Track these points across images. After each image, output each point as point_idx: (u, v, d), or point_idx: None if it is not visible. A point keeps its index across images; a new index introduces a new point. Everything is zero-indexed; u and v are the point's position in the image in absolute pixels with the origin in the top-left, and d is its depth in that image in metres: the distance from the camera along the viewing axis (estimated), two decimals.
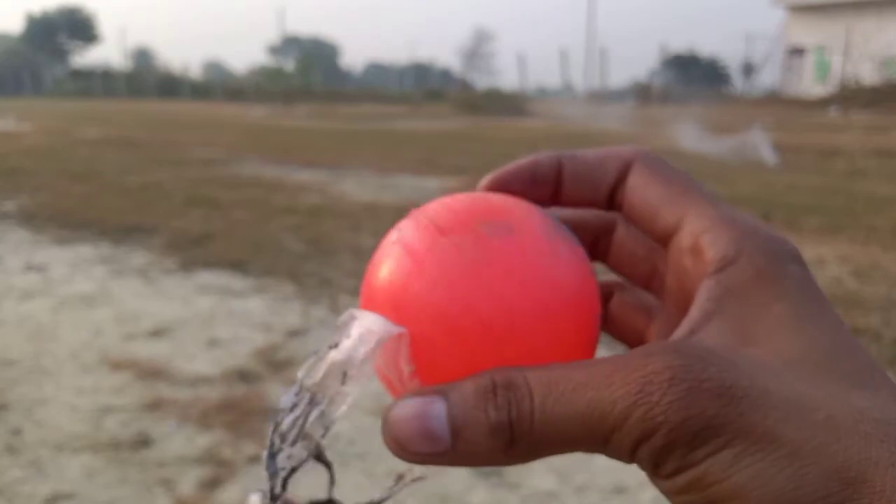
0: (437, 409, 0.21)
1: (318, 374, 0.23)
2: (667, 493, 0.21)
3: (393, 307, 0.23)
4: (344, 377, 0.22)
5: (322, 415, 0.23)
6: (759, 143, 7.78)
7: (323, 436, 0.23)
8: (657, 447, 0.19)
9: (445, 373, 0.22)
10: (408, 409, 0.21)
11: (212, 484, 1.62)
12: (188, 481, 1.63)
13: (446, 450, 0.21)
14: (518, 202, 0.26)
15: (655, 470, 0.20)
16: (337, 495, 0.25)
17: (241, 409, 1.97)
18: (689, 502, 0.20)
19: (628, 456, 0.20)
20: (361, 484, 1.62)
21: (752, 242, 0.23)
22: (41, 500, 1.57)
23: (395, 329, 0.23)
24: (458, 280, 0.23)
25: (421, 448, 0.21)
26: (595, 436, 0.20)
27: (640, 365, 0.20)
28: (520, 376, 0.21)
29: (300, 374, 0.23)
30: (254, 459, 1.72)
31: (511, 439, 0.21)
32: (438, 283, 0.23)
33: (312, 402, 0.23)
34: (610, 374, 0.20)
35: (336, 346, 0.23)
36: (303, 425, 0.23)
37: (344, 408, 0.23)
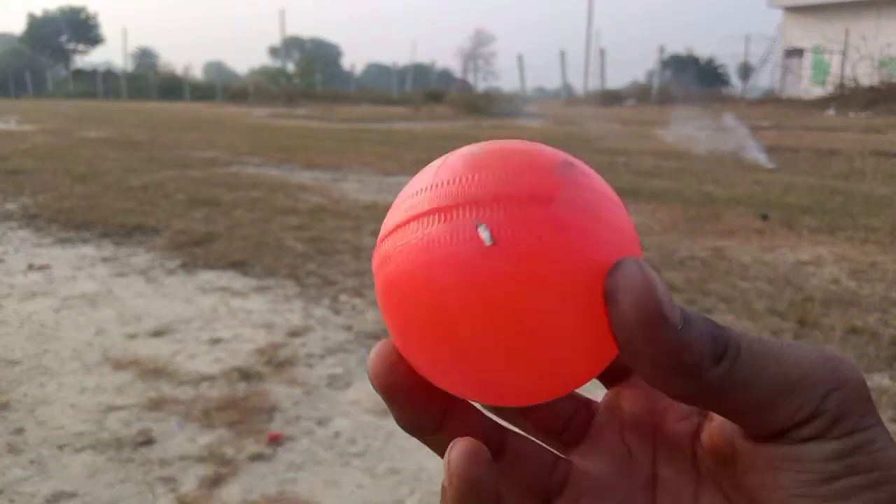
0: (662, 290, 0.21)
1: None
2: (826, 459, 0.21)
3: None
4: None
5: None
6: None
7: None
8: (847, 398, 0.21)
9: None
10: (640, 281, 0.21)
11: (213, 482, 1.63)
12: (190, 480, 1.64)
13: (676, 325, 0.21)
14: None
15: (833, 425, 0.21)
16: (336, 494, 0.26)
17: (242, 408, 1.98)
18: (851, 466, 0.21)
19: (817, 402, 0.21)
20: (362, 483, 1.63)
21: None
22: (43, 499, 1.58)
23: None
24: None
25: (658, 312, 0.21)
26: (791, 380, 0.21)
27: (828, 351, 0.23)
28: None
29: None
30: (255, 458, 1.73)
31: (724, 352, 0.22)
32: None
33: None
34: (807, 349, 0.22)
35: None
36: None
37: None
